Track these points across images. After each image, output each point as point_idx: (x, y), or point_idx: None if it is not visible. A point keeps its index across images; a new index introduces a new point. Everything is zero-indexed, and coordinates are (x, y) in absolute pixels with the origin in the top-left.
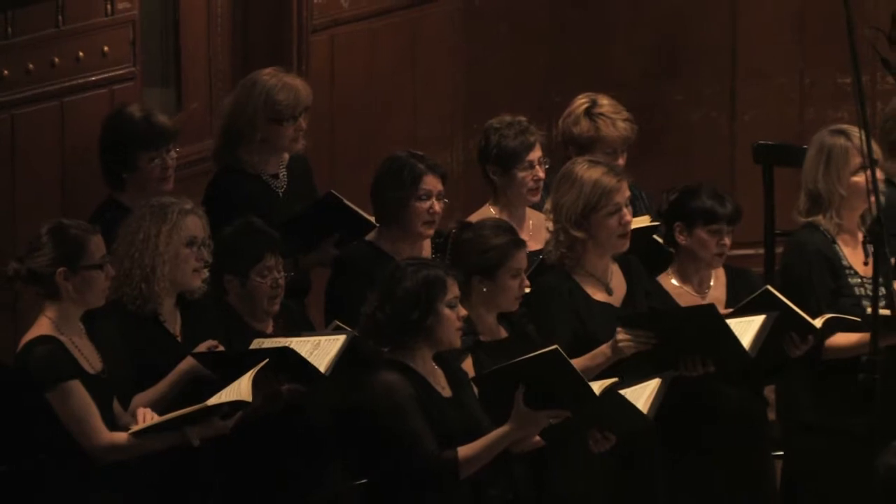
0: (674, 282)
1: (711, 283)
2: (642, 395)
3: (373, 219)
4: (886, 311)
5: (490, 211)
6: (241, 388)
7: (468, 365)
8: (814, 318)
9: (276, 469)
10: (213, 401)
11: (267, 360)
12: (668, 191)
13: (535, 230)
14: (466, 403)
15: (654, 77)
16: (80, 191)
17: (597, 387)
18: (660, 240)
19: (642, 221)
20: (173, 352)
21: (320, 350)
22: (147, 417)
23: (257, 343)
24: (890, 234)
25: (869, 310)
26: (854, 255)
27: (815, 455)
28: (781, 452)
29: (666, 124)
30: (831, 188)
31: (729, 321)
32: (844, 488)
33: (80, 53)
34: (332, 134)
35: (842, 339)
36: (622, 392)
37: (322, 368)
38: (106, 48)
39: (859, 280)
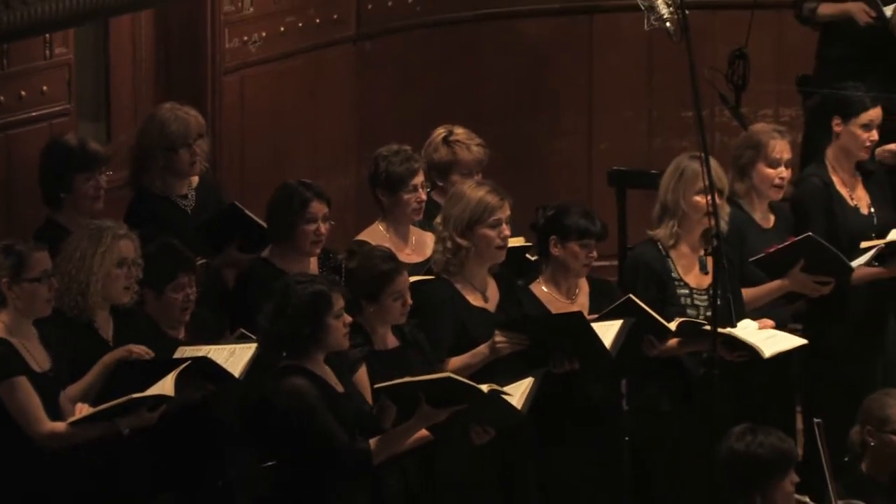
0: (544, 289)
1: (577, 291)
2: (516, 392)
3: None
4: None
5: (379, 228)
6: (164, 385)
7: (363, 373)
8: None
9: (190, 456)
10: (137, 395)
11: (189, 362)
12: (543, 207)
13: (418, 245)
14: (353, 394)
15: (520, 111)
16: (22, 213)
17: (485, 389)
18: (531, 257)
19: (517, 241)
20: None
21: (235, 357)
22: (84, 410)
23: (181, 352)
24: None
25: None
26: (686, 269)
27: (662, 440)
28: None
29: (531, 152)
30: (676, 201)
31: (592, 325)
32: (689, 470)
33: (22, 92)
34: (242, 161)
35: None
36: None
37: (236, 374)
38: (45, 87)
39: (687, 291)
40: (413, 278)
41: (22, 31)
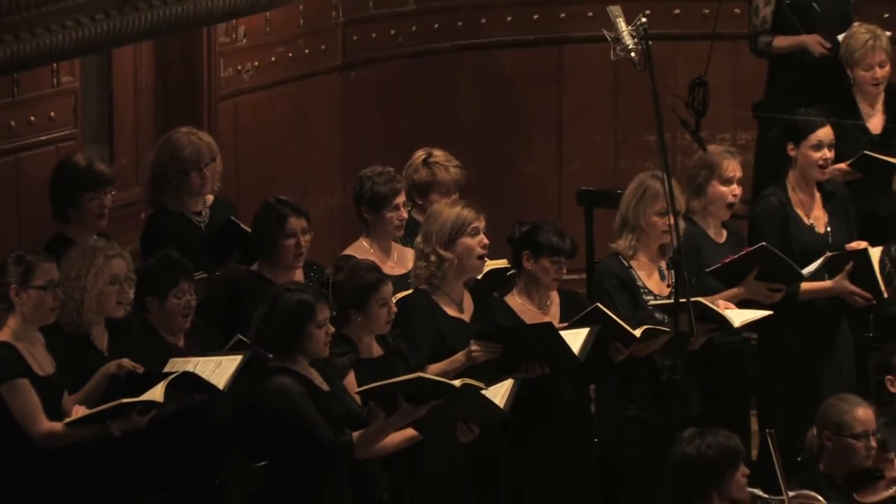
0: (518, 300)
1: (549, 303)
2: (498, 393)
3: None
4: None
5: (363, 243)
6: (154, 392)
7: (351, 378)
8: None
9: (187, 456)
10: (128, 399)
11: (180, 373)
12: (519, 223)
13: (400, 258)
14: (340, 394)
15: (495, 135)
16: (31, 229)
17: (457, 384)
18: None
19: (499, 263)
20: (100, 366)
21: (221, 368)
22: (80, 412)
23: (171, 364)
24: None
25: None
26: (649, 278)
27: (629, 443)
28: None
29: (505, 173)
30: (636, 218)
31: (562, 332)
32: (656, 472)
33: (32, 118)
34: (237, 181)
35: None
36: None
37: (220, 385)
38: (52, 113)
39: (652, 297)
40: (395, 297)
41: (30, 60)
